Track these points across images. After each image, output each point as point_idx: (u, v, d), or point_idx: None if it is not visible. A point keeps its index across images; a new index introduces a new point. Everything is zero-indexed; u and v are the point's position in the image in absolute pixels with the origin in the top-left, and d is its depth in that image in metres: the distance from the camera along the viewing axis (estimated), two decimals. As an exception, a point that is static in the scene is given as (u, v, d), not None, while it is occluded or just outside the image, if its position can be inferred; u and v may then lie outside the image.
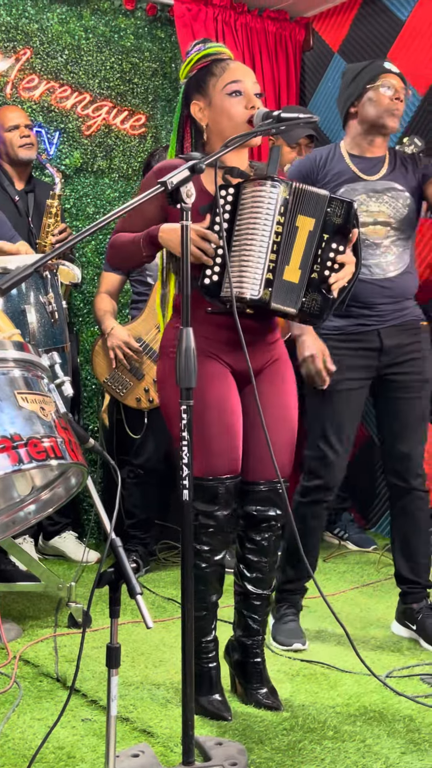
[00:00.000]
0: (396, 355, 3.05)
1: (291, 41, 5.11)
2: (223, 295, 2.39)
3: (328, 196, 2.42)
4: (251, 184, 2.40)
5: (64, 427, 1.77)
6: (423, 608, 3.09)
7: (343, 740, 2.30)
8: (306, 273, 2.41)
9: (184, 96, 2.56)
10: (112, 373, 3.96)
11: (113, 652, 1.87)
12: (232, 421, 2.48)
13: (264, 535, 2.57)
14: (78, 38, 4.64)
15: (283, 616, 3.07)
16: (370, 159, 3.07)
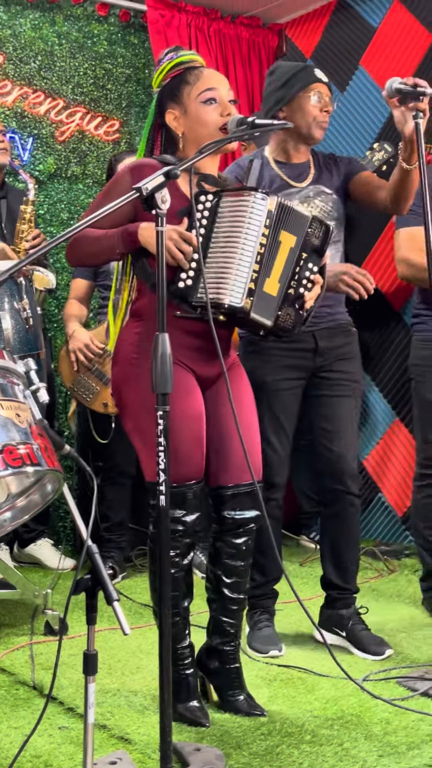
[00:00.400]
0: (329, 356, 3.07)
1: (264, 47, 5.14)
2: (195, 301, 2.40)
3: (311, 217, 2.46)
4: (234, 193, 2.41)
5: (40, 433, 1.77)
6: (352, 615, 3.08)
7: (320, 744, 2.31)
8: (284, 287, 2.45)
9: (157, 105, 2.56)
10: (77, 378, 3.94)
11: (90, 659, 1.87)
12: (199, 427, 2.48)
13: (241, 538, 2.57)
14: (51, 44, 4.64)
15: (257, 623, 3.06)
16: (296, 165, 3.07)
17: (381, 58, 4.61)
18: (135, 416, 2.47)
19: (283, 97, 3.00)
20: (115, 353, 2.56)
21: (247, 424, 2.56)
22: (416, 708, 2.50)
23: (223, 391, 2.52)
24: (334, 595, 3.12)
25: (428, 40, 4.41)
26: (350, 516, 3.07)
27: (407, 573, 4.03)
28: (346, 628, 3.06)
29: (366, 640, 3.01)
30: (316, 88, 3.00)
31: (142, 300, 2.54)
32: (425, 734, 2.35)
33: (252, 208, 2.37)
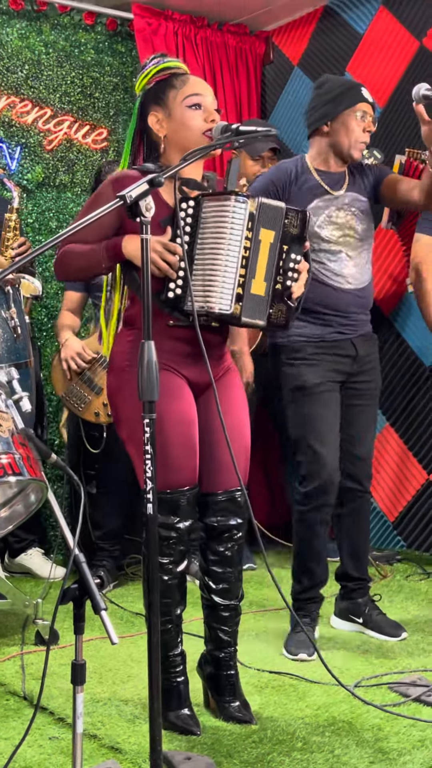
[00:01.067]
0: (363, 364, 3.20)
1: (251, 55, 5.15)
2: (186, 309, 2.40)
3: (285, 208, 2.46)
4: (214, 198, 2.41)
5: (22, 443, 1.76)
6: (367, 602, 3.26)
7: (311, 751, 2.30)
8: (270, 285, 2.44)
9: (140, 107, 2.56)
10: (69, 387, 3.94)
11: (78, 669, 1.86)
12: (191, 433, 2.48)
13: (227, 545, 2.56)
14: (38, 53, 4.64)
15: (296, 626, 3.10)
16: (334, 174, 3.17)
17: (367, 64, 4.62)
18: (129, 425, 2.47)
19: (329, 113, 3.11)
20: (110, 362, 2.58)
21: (237, 431, 2.55)
22: (408, 714, 2.50)
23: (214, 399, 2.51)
24: (351, 586, 3.28)
25: (414, 46, 4.43)
26: (365, 512, 3.28)
27: (399, 578, 4.03)
28: (363, 615, 3.24)
29: (383, 623, 3.20)
30: (362, 108, 3.11)
31: (134, 308, 2.55)
32: (417, 740, 2.34)
33: (233, 212, 2.36)
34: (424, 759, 2.22)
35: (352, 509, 3.24)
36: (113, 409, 2.55)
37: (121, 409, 2.50)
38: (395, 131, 4.48)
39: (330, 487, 3.09)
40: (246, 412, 2.64)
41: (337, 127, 3.09)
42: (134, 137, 2.58)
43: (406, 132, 4.44)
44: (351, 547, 3.27)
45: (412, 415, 4.33)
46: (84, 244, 2.48)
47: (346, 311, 3.12)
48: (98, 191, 2.53)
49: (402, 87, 4.45)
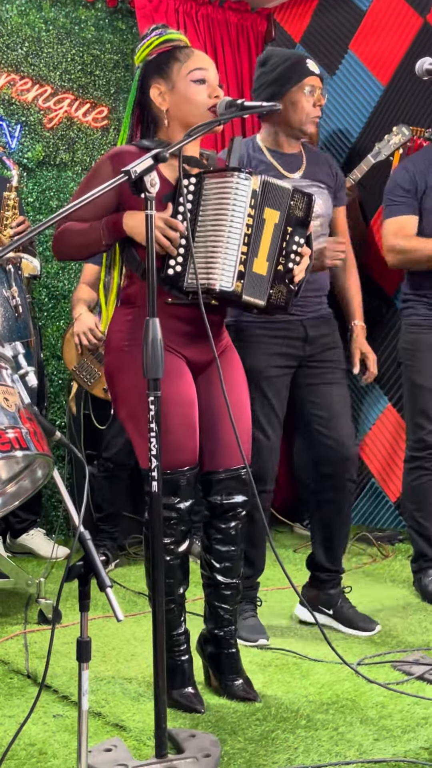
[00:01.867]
0: (317, 345, 3.08)
1: (253, 32, 5.10)
2: (186, 286, 2.38)
3: (291, 189, 2.44)
4: (217, 174, 2.38)
5: (29, 417, 1.75)
6: (339, 594, 3.14)
7: (315, 729, 2.30)
8: (272, 265, 2.43)
9: (140, 79, 2.52)
10: (80, 361, 3.94)
11: (83, 646, 1.86)
12: (191, 413, 2.47)
13: (230, 523, 2.56)
14: (38, 30, 4.60)
15: (241, 612, 3.02)
16: (289, 155, 3.07)
17: (370, 41, 4.58)
18: (128, 403, 2.45)
19: (276, 93, 2.99)
20: (108, 341, 2.54)
21: (239, 410, 2.54)
22: (411, 692, 2.50)
23: (215, 377, 2.50)
24: (322, 576, 3.15)
25: (418, 23, 4.39)
26: (345, 501, 3.08)
27: (401, 558, 4.03)
28: (334, 607, 3.11)
29: (355, 617, 3.08)
30: (309, 82, 2.99)
31: (132, 287, 2.52)
32: (420, 718, 2.35)
33: (236, 189, 2.34)
34: (428, 736, 2.23)
35: (330, 497, 3.05)
36: (111, 389, 2.52)
37: (120, 389, 2.48)
38: (399, 109, 4.46)
39: (266, 475, 2.99)
40: (246, 390, 2.62)
41: (286, 107, 2.97)
42: (133, 109, 2.54)
43: (410, 109, 4.41)
44: (326, 537, 3.10)
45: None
46: (82, 222, 2.45)
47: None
48: (94, 167, 2.49)
49: (405, 64, 4.41)
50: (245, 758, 2.15)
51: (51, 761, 2.15)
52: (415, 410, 3.48)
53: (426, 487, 3.47)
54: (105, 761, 2.08)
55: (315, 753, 2.17)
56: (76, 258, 2.80)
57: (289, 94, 2.98)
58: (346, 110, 4.69)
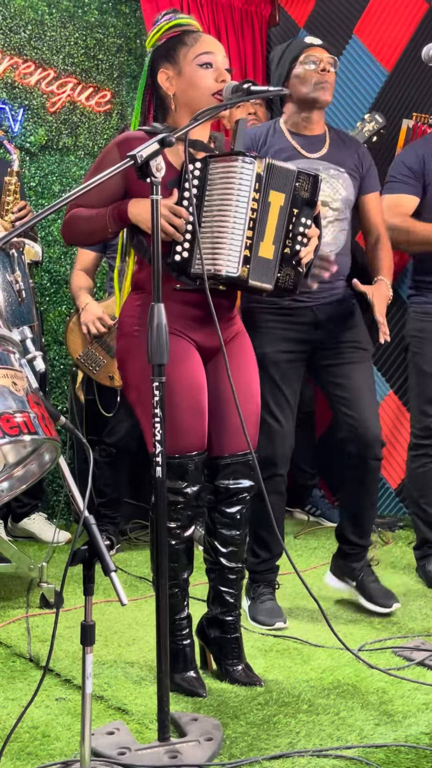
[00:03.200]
0: (330, 329, 3.07)
1: (257, 16, 5.07)
2: (194, 272, 2.38)
3: (296, 171, 2.43)
4: (221, 159, 2.38)
5: (37, 402, 1.75)
6: (363, 567, 3.17)
7: (317, 713, 2.32)
8: (279, 248, 2.42)
9: (150, 64, 2.52)
10: (85, 349, 3.94)
11: (87, 630, 1.87)
12: (200, 397, 2.47)
13: (236, 507, 2.56)
14: (41, 13, 4.57)
15: (260, 596, 3.06)
16: (310, 137, 3.08)
17: (375, 27, 4.56)
18: (138, 388, 2.46)
19: (280, 75, 3.05)
20: (119, 327, 2.56)
21: (248, 395, 2.55)
22: (412, 677, 2.52)
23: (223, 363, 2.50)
24: (347, 550, 3.18)
25: (423, 8, 4.37)
26: (372, 480, 3.10)
27: (402, 545, 4.04)
28: (356, 580, 3.15)
29: (375, 591, 3.12)
30: (307, 52, 3.02)
31: (142, 272, 2.53)
32: (421, 703, 2.36)
33: (241, 173, 2.33)
34: (428, 721, 2.24)
35: (358, 476, 3.08)
36: (122, 373, 2.54)
37: (130, 373, 2.50)
38: (403, 95, 4.44)
39: (277, 459, 3.01)
40: (257, 375, 2.62)
41: (293, 83, 3.03)
42: (144, 95, 2.54)
43: (415, 95, 4.39)
44: (353, 512, 3.14)
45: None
46: (90, 209, 2.46)
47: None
48: (102, 154, 2.50)
49: (410, 50, 4.39)
50: (247, 742, 2.16)
51: (54, 744, 2.16)
52: (421, 398, 3.49)
53: (430, 474, 3.48)
54: (108, 744, 2.10)
55: (316, 737, 2.18)
56: (84, 244, 2.81)
57: (291, 70, 3.03)
58: (350, 96, 4.67)
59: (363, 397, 3.05)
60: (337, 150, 3.09)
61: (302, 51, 3.02)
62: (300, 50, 3.03)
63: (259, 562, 3.09)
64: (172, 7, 2.66)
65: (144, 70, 2.54)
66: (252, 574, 3.11)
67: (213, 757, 2.07)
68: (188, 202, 2.35)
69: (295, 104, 3.06)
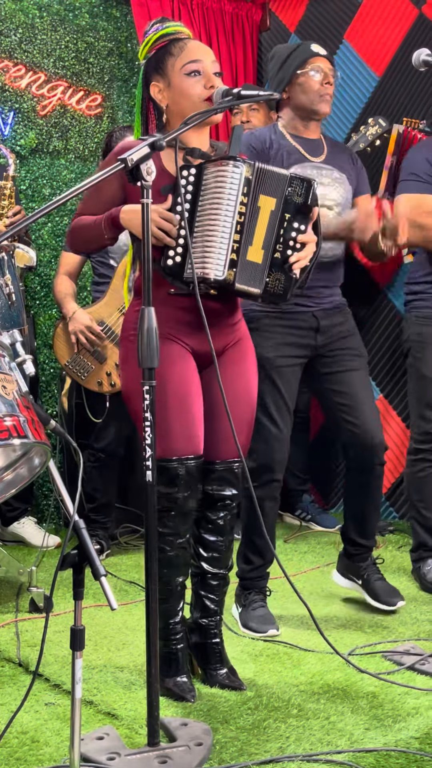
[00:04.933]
0: (330, 335, 3.09)
1: (248, 21, 5.08)
2: (186, 277, 2.38)
3: (288, 176, 2.43)
4: (213, 164, 2.38)
5: (27, 406, 1.75)
6: (369, 566, 3.21)
7: (307, 718, 2.31)
8: (269, 253, 2.42)
9: (143, 77, 2.53)
10: (73, 356, 3.93)
11: (77, 635, 1.86)
12: (191, 402, 2.47)
13: (220, 514, 2.56)
14: (32, 16, 4.57)
15: (251, 603, 3.04)
16: (309, 140, 3.10)
17: (366, 32, 4.57)
18: (134, 393, 2.45)
19: (282, 79, 3.05)
20: (122, 331, 2.58)
21: (245, 402, 2.55)
22: (402, 682, 2.52)
23: (221, 367, 2.50)
24: (352, 550, 3.23)
25: (413, 13, 4.38)
26: (376, 484, 3.14)
27: (392, 549, 4.05)
28: (362, 578, 3.20)
29: (380, 590, 3.15)
30: (314, 62, 3.03)
31: (141, 278, 2.53)
32: (411, 707, 2.36)
33: (230, 177, 2.34)
34: (418, 726, 2.24)
35: (362, 481, 3.11)
36: (122, 379, 2.56)
37: (125, 378, 2.52)
38: (394, 99, 4.45)
39: (275, 465, 3.00)
40: (255, 383, 2.62)
41: (295, 90, 3.03)
42: (142, 106, 2.56)
43: (405, 100, 4.41)
44: (356, 513, 3.17)
45: (406, 387, 4.32)
46: (90, 216, 2.50)
47: (308, 284, 3.03)
48: (104, 163, 2.53)
49: (400, 55, 4.41)
50: (237, 747, 2.15)
51: (43, 749, 2.15)
52: (421, 402, 3.50)
53: (429, 478, 3.50)
54: (97, 749, 2.09)
55: (306, 742, 2.18)
56: (88, 251, 2.87)
57: (296, 77, 3.03)
58: (341, 101, 4.67)
59: (364, 404, 3.08)
60: (335, 154, 3.13)
61: (308, 59, 3.03)
62: (306, 58, 3.03)
63: (251, 569, 3.08)
64: (162, 16, 2.66)
65: (138, 84, 2.56)
66: (243, 581, 3.10)
67: (203, 762, 2.07)
68: (181, 207, 2.35)
69: (293, 110, 3.07)
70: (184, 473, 2.43)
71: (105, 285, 3.99)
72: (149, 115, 2.55)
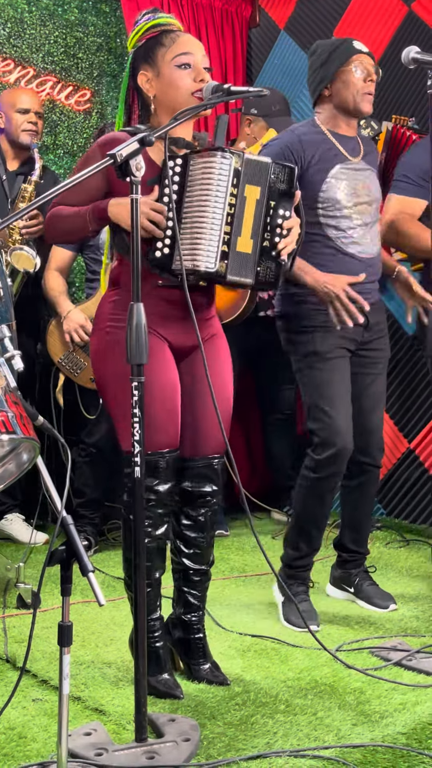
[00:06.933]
0: (373, 332, 3.11)
1: (237, 17, 5.08)
2: (175, 268, 2.38)
3: (271, 163, 2.42)
4: (200, 155, 2.38)
5: (15, 401, 1.74)
6: (360, 572, 3.23)
7: (294, 714, 2.32)
8: (257, 242, 2.42)
9: (131, 66, 2.51)
10: (66, 353, 3.93)
11: (65, 630, 1.86)
12: (172, 395, 2.47)
13: (200, 510, 2.57)
14: (21, 11, 4.55)
15: (295, 595, 3.02)
16: (349, 139, 3.08)
17: (355, 29, 4.57)
18: (111, 386, 2.45)
19: (325, 76, 3.03)
20: (94, 323, 2.55)
21: (221, 397, 2.54)
22: (389, 678, 2.53)
23: (198, 362, 2.50)
24: (346, 557, 3.24)
25: (403, 11, 4.38)
26: (372, 487, 3.19)
27: (379, 545, 4.05)
28: (354, 585, 3.22)
29: (372, 593, 3.18)
30: (357, 59, 3.01)
31: (119, 269, 2.52)
32: (398, 703, 2.37)
33: (219, 168, 2.33)
34: (405, 721, 2.25)
35: (360, 483, 3.14)
36: (95, 371, 2.52)
37: (103, 371, 2.48)
38: (383, 97, 4.45)
39: (344, 455, 2.99)
40: (231, 379, 2.62)
41: (338, 87, 3.00)
42: (127, 96, 2.54)
43: (394, 97, 4.41)
44: (353, 520, 3.19)
45: (394, 384, 4.34)
46: (71, 207, 2.46)
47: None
48: (86, 156, 2.50)
49: (390, 53, 4.41)
50: (225, 742, 2.16)
51: (30, 745, 2.15)
52: None
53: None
54: (85, 745, 2.09)
55: (294, 737, 2.18)
56: (65, 242, 2.80)
57: (338, 73, 3.01)
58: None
59: (378, 408, 3.15)
60: (368, 152, 3.13)
61: (351, 56, 3.00)
62: (350, 55, 3.00)
63: (299, 556, 3.08)
64: (153, 7, 2.64)
65: (125, 72, 2.54)
66: (288, 568, 3.09)
67: (190, 758, 2.07)
68: (168, 198, 2.35)
69: (336, 109, 3.04)
70: (164, 465, 2.43)
71: (98, 282, 3.99)
72: (133, 105, 2.54)
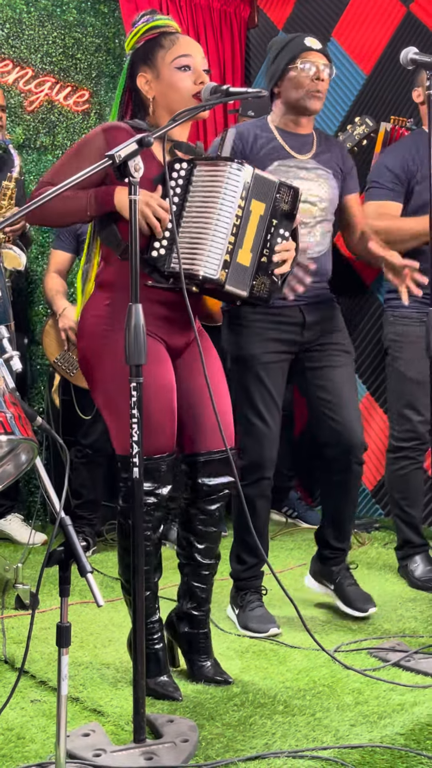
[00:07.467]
0: (317, 330, 3.06)
1: (236, 18, 5.08)
2: (166, 270, 2.38)
3: (278, 182, 2.44)
4: (208, 163, 2.39)
5: (13, 402, 1.74)
6: (341, 570, 3.16)
7: (293, 714, 2.32)
8: (256, 257, 2.43)
9: (129, 67, 2.52)
10: (62, 353, 3.94)
11: (63, 631, 1.86)
12: (169, 398, 2.47)
13: (215, 504, 2.57)
14: (19, 12, 4.55)
15: (248, 603, 3.02)
16: (300, 136, 3.05)
17: (353, 30, 4.58)
18: (107, 389, 2.44)
19: (274, 74, 3.00)
20: (82, 326, 2.51)
21: (219, 393, 2.55)
22: (387, 678, 2.53)
23: (191, 361, 2.50)
24: (327, 554, 3.17)
25: (401, 12, 4.39)
26: (354, 484, 3.09)
27: (378, 546, 4.06)
28: (334, 583, 3.14)
29: (352, 595, 3.10)
30: (305, 57, 2.96)
31: (109, 269, 2.50)
32: (396, 704, 2.37)
33: (228, 179, 2.35)
34: (403, 722, 2.25)
35: (340, 480, 3.05)
36: (88, 375, 2.50)
37: (97, 374, 2.47)
38: (381, 97, 4.46)
39: (266, 462, 2.98)
40: (222, 375, 2.63)
41: (286, 85, 2.97)
42: (122, 97, 2.54)
43: (393, 98, 4.41)
44: (334, 516, 3.13)
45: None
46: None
47: None
48: (86, 138, 2.46)
49: (388, 53, 4.41)
50: (223, 743, 2.16)
51: (29, 746, 2.15)
52: (400, 401, 3.50)
53: (411, 476, 3.51)
54: (83, 746, 2.09)
55: (292, 738, 2.18)
56: (53, 224, 2.73)
57: (286, 72, 2.97)
58: (328, 99, 4.66)
59: (347, 400, 3.04)
60: (324, 151, 3.08)
61: (300, 53, 2.95)
62: (298, 52, 2.95)
63: (245, 569, 3.06)
64: (151, 8, 2.65)
65: (123, 73, 2.54)
66: (238, 581, 3.08)
67: (189, 759, 2.07)
68: (170, 201, 2.35)
69: (283, 105, 3.02)
70: (165, 469, 2.43)
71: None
72: (128, 106, 2.53)
